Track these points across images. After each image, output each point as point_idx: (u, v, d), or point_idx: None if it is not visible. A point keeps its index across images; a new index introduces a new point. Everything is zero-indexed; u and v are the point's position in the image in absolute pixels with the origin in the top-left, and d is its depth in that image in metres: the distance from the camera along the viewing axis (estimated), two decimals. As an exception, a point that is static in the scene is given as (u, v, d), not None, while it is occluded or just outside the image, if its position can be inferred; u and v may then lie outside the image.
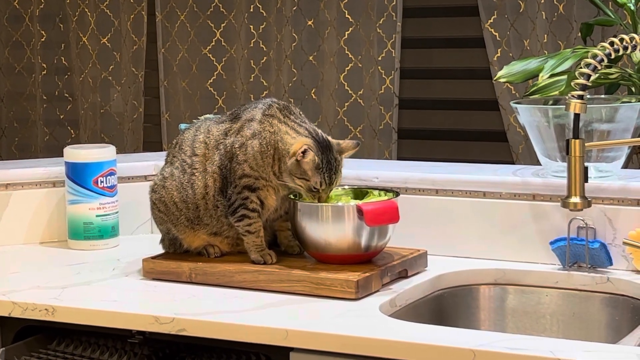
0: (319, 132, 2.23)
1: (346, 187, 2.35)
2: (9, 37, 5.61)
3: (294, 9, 4.97)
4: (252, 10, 5.06)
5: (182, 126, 2.49)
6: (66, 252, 2.56)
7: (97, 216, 2.57)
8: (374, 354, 1.85)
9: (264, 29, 5.05)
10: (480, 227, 2.38)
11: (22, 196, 2.64)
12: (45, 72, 5.55)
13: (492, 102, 4.64)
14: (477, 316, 2.33)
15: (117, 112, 5.43)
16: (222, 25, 5.15)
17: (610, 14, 3.47)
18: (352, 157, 2.29)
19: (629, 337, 1.94)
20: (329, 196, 2.21)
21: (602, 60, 2.07)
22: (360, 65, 4.87)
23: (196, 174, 2.27)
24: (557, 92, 3.00)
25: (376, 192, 2.30)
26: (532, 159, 4.06)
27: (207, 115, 2.50)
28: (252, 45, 5.08)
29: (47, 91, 5.56)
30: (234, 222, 2.24)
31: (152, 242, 2.45)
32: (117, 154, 2.63)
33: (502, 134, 4.63)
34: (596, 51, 2.07)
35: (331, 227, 2.18)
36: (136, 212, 2.65)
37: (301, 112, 2.28)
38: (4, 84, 5.67)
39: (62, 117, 5.56)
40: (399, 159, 4.82)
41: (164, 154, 2.42)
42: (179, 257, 2.31)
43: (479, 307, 2.32)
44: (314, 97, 4.97)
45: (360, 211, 2.16)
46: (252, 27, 5.07)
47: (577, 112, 2.04)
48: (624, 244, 2.20)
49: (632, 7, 3.25)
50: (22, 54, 5.60)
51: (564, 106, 2.07)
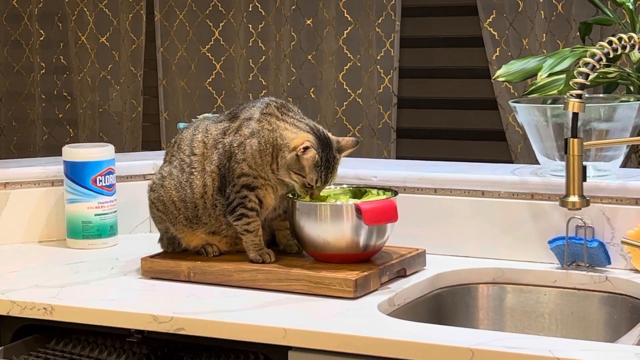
0: (320, 128, 2.22)
1: (345, 186, 2.35)
2: (8, 36, 5.61)
3: (293, 8, 4.96)
4: (250, 9, 5.06)
5: (181, 125, 2.49)
6: (65, 251, 2.56)
7: (96, 215, 2.57)
8: (372, 353, 1.85)
9: (262, 28, 5.05)
10: (478, 226, 2.38)
11: (20, 195, 2.64)
12: (44, 72, 5.55)
13: (491, 102, 4.63)
14: (476, 315, 2.32)
15: (115, 111, 5.43)
16: (221, 24, 5.15)
17: (608, 13, 3.46)
18: (350, 155, 2.29)
19: (628, 336, 1.94)
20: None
21: (601, 59, 2.07)
22: (359, 64, 4.87)
23: (195, 173, 2.27)
24: (555, 91, 3.00)
25: (375, 191, 2.30)
26: (530, 158, 4.06)
27: (206, 114, 2.49)
28: (250, 44, 5.07)
29: (45, 90, 5.56)
30: (233, 221, 2.24)
31: (150, 241, 2.45)
32: (115, 153, 2.63)
33: (500, 133, 4.63)
34: (595, 50, 2.07)
35: (330, 226, 2.18)
36: (135, 211, 2.65)
37: (299, 110, 2.28)
38: (3, 83, 5.66)
39: (60, 116, 5.56)
40: (397, 158, 4.82)
41: (163, 153, 2.42)
42: (177, 256, 2.30)
43: (478, 306, 2.32)
44: (312, 96, 4.97)
45: (358, 210, 2.16)
46: (250, 26, 5.07)
47: (575, 111, 2.04)
48: (623, 243, 2.20)
49: (631, 7, 3.25)
50: (21, 53, 5.60)
51: (563, 105, 2.07)
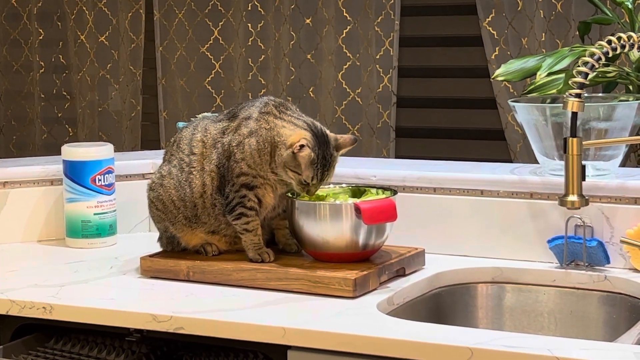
0: (318, 125, 2.22)
1: (344, 185, 2.35)
2: (7, 35, 5.61)
3: (292, 7, 4.96)
4: (250, 8, 5.06)
5: (180, 124, 2.49)
6: (64, 251, 2.56)
7: (95, 214, 2.57)
8: (371, 352, 1.85)
9: (262, 28, 5.05)
10: (478, 225, 2.38)
11: (20, 194, 2.64)
12: (43, 71, 5.55)
13: (490, 101, 4.63)
14: (475, 314, 2.33)
15: (115, 110, 5.42)
16: (220, 23, 5.14)
17: (608, 12, 3.46)
18: (349, 154, 2.29)
19: (626, 335, 1.94)
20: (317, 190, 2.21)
21: (600, 58, 2.07)
22: (358, 63, 4.86)
23: (194, 173, 2.27)
24: (554, 91, 3.00)
25: (374, 191, 2.30)
26: (530, 158, 4.06)
27: (205, 113, 2.49)
28: (250, 43, 5.07)
29: (45, 89, 5.55)
30: (232, 221, 2.24)
31: (149, 241, 2.45)
32: (115, 152, 2.63)
33: (500, 133, 4.62)
34: (594, 50, 2.07)
35: (329, 225, 2.18)
36: (134, 210, 2.65)
37: (297, 109, 2.27)
38: (2, 82, 5.66)
39: (60, 115, 5.55)
40: (396, 157, 4.81)
41: (162, 152, 2.42)
42: (176, 255, 2.30)
43: (477, 305, 2.32)
44: (312, 95, 4.97)
45: (358, 209, 2.16)
46: (250, 25, 5.07)
47: (574, 110, 2.04)
48: (622, 242, 2.20)
49: (630, 6, 3.25)
50: (20, 52, 5.59)
51: (562, 104, 2.07)
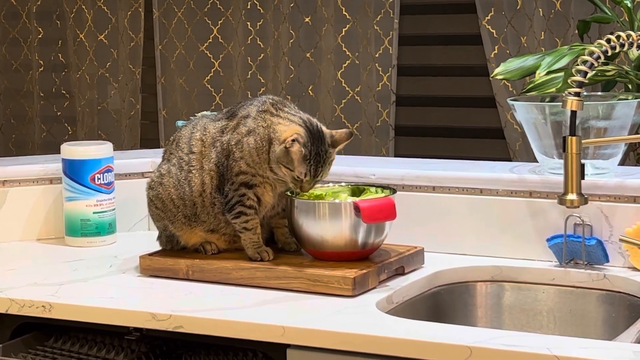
0: (314, 122, 2.21)
1: (343, 184, 2.35)
2: (6, 33, 5.61)
3: (291, 5, 4.96)
4: (249, 7, 5.06)
5: (179, 123, 2.49)
6: (63, 249, 2.56)
7: (94, 213, 2.57)
8: (370, 351, 1.86)
9: (261, 26, 5.05)
10: (477, 224, 2.38)
11: (19, 193, 2.64)
12: (42, 69, 5.55)
13: (489, 99, 4.63)
14: (474, 313, 2.33)
15: (114, 109, 5.42)
16: (219, 22, 5.14)
17: (607, 11, 3.46)
18: (349, 153, 2.29)
19: (625, 334, 1.94)
20: (312, 187, 2.20)
21: (599, 57, 2.07)
22: (357, 62, 4.86)
23: (193, 171, 2.27)
24: (554, 89, 3.00)
25: (373, 189, 2.30)
26: (529, 156, 4.06)
27: (204, 112, 2.49)
28: (249, 42, 5.07)
29: (44, 88, 5.55)
30: (231, 219, 2.24)
31: (149, 239, 2.45)
32: (114, 150, 2.63)
33: (499, 131, 4.62)
34: (593, 48, 2.07)
35: (328, 224, 2.18)
36: (133, 209, 2.65)
37: (295, 106, 2.27)
38: (1, 81, 5.66)
39: (59, 114, 5.55)
40: (396, 156, 4.81)
41: (161, 151, 2.42)
42: (176, 254, 2.31)
43: (476, 304, 2.32)
44: (311, 94, 4.97)
45: (357, 208, 2.16)
46: (249, 24, 5.07)
47: (573, 109, 2.04)
48: (621, 240, 2.20)
49: (629, 5, 3.25)
50: (19, 51, 5.59)
51: (561, 103, 2.07)
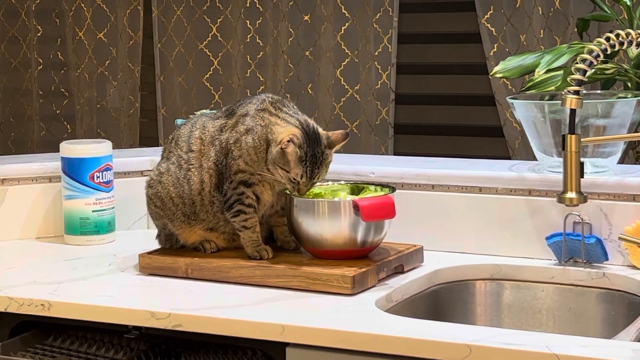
0: (311, 123, 2.21)
1: (342, 182, 2.35)
2: (5, 32, 5.61)
3: (290, 4, 4.96)
4: (248, 5, 5.06)
5: (179, 121, 2.49)
6: (62, 248, 2.56)
7: (94, 211, 2.57)
8: (370, 349, 1.85)
9: (260, 24, 5.05)
10: (476, 222, 2.38)
11: (18, 191, 2.64)
12: (41, 68, 5.55)
13: (489, 98, 4.63)
14: (473, 311, 2.33)
15: (113, 107, 5.42)
16: (219, 20, 5.14)
17: (606, 9, 3.46)
18: (348, 151, 2.29)
19: (625, 332, 1.94)
20: (310, 189, 2.20)
21: (598, 55, 2.06)
22: (356, 60, 4.86)
23: (192, 170, 2.27)
24: (553, 88, 3.00)
25: (372, 188, 2.30)
26: (528, 155, 4.05)
27: (204, 110, 2.49)
28: (248, 40, 5.07)
29: (43, 86, 5.55)
30: (230, 218, 2.24)
31: (148, 238, 2.45)
32: (113, 149, 2.63)
33: (498, 130, 4.63)
34: (592, 47, 2.07)
35: (327, 222, 2.18)
36: (132, 207, 2.65)
37: (295, 106, 2.27)
38: (0, 80, 5.66)
39: (58, 112, 5.55)
40: (395, 154, 4.82)
41: (160, 149, 2.41)
42: (175, 252, 2.30)
43: (475, 302, 2.32)
44: (310, 92, 4.97)
45: (356, 207, 2.16)
46: (248, 22, 5.07)
47: (573, 107, 2.04)
48: (620, 239, 2.20)
49: (628, 3, 3.25)
50: (18, 49, 5.59)
51: (560, 101, 2.07)
